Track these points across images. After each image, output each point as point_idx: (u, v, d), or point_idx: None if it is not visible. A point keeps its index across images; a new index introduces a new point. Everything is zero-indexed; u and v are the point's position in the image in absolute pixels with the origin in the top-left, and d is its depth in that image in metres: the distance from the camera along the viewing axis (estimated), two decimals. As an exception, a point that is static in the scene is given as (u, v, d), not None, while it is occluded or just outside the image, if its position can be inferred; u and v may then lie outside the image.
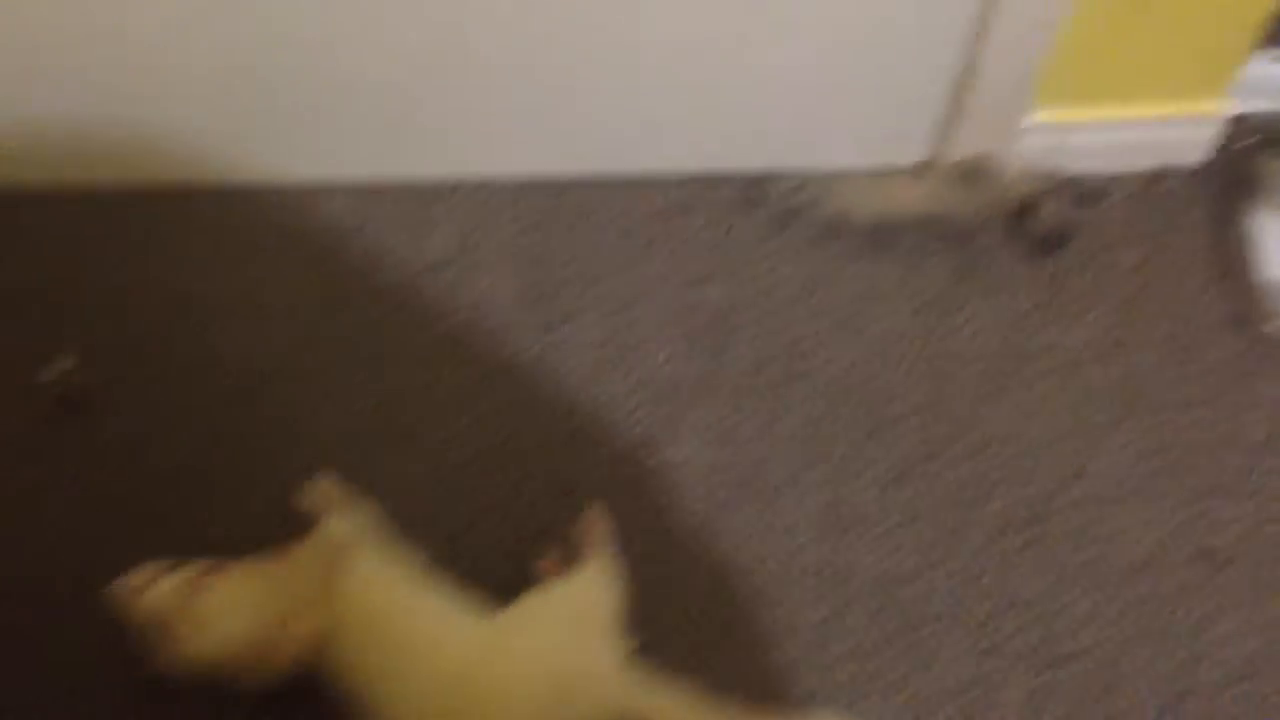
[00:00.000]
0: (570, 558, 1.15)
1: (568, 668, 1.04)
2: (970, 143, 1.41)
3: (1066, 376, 1.35)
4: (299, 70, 1.30)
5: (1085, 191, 1.45)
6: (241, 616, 1.05)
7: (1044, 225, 1.42)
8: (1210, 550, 1.25)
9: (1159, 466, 1.30)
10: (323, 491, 1.15)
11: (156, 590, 1.05)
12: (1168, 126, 1.44)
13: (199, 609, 1.04)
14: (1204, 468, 1.30)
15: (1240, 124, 1.47)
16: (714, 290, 1.39)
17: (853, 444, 1.30)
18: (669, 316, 1.37)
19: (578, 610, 1.09)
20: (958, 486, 1.28)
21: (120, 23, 1.24)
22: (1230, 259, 1.43)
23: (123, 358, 1.32)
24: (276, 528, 1.12)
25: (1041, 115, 1.40)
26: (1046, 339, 1.37)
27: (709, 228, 1.43)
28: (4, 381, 1.31)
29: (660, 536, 1.24)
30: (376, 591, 1.06)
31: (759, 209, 1.44)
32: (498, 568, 1.18)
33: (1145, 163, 1.47)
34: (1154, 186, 1.47)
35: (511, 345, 1.35)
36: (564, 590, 1.11)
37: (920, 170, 1.46)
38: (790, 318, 1.37)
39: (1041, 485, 1.28)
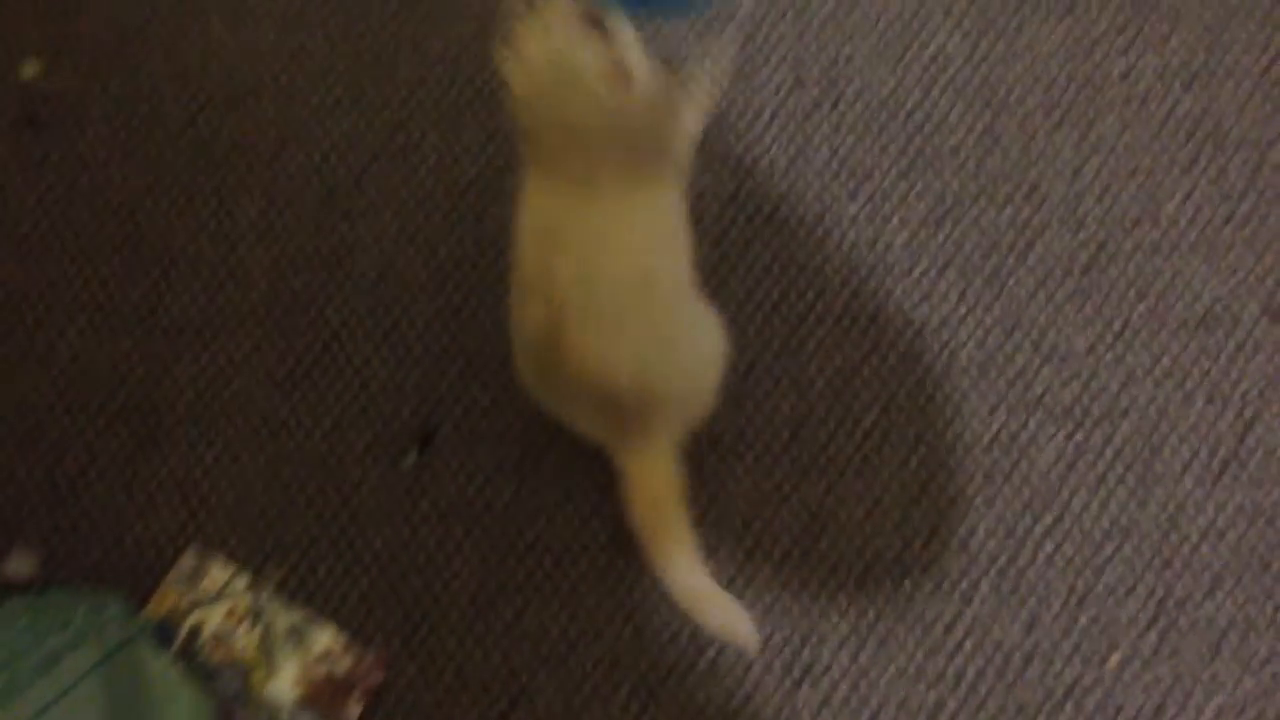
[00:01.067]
0: None
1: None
2: None
3: (1139, 109, 1.19)
4: None
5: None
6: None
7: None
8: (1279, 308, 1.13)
9: (1233, 213, 1.16)
10: None
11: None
12: None
13: None
14: (1285, 216, 1.16)
15: None
16: (746, 5, 1.23)
17: (888, 180, 1.17)
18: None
19: None
20: (1002, 230, 1.15)
21: None
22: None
23: (89, 63, 1.21)
24: (259, 244, 1.03)
25: None
26: (1120, 66, 1.21)
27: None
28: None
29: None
30: None
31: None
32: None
33: None
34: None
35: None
36: None
37: None
38: (827, 38, 1.22)
39: (1098, 230, 1.15)
